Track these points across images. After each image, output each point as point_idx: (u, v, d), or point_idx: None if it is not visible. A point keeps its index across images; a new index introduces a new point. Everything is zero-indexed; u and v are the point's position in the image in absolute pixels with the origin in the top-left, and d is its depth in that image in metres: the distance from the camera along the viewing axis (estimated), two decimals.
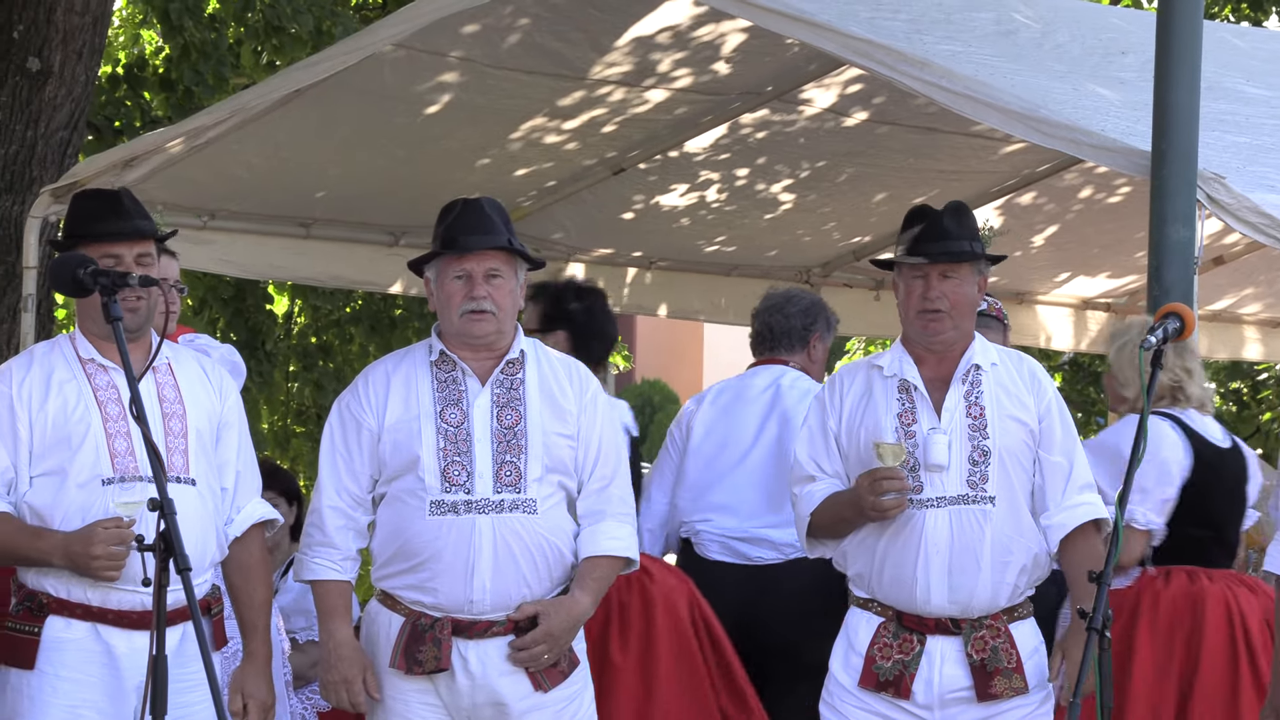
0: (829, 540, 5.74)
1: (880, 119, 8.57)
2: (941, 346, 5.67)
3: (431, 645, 5.40)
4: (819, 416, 5.75)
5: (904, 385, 5.67)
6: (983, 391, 5.66)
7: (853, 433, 5.69)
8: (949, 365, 5.69)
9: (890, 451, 5.51)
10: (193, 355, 5.58)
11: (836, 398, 5.74)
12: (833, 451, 5.72)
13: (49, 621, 5.27)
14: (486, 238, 5.46)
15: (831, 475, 5.71)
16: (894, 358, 5.71)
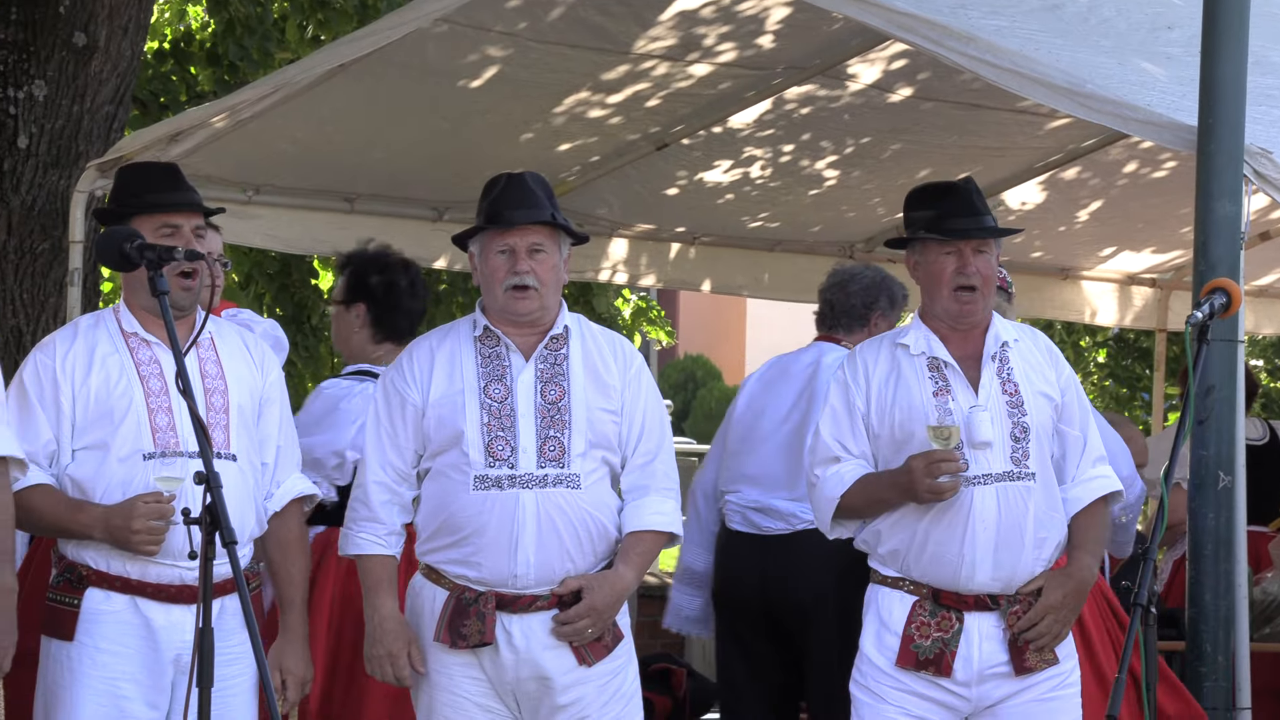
0: (853, 521, 5.72)
1: (925, 95, 8.54)
2: (970, 324, 5.66)
3: (476, 619, 5.42)
4: (843, 396, 5.72)
5: (935, 363, 5.65)
6: (1013, 368, 5.65)
7: (884, 412, 5.66)
8: (974, 342, 5.67)
9: (945, 434, 5.49)
10: (235, 330, 5.60)
11: (861, 377, 5.70)
12: (859, 432, 5.69)
13: (88, 594, 5.31)
14: (530, 212, 5.46)
15: (858, 456, 5.68)
16: (919, 335, 5.68)
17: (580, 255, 9.33)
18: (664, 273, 9.91)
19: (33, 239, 8.75)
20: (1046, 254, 10.34)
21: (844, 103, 8.66)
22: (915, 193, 5.78)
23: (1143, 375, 15.73)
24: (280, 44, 11.52)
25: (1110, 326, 13.45)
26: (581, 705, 5.47)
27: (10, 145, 8.71)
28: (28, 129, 8.73)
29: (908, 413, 5.61)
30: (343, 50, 7.52)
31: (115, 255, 5.19)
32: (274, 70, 10.18)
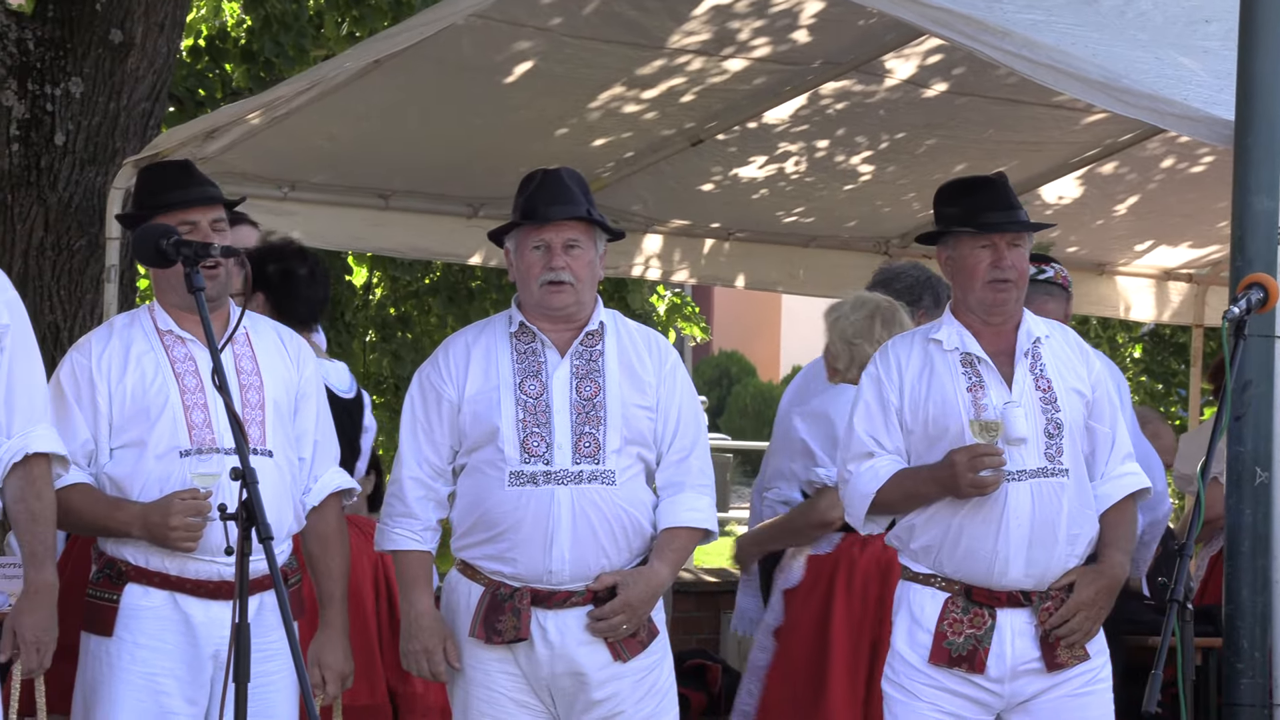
0: (885, 516, 5.72)
1: (960, 90, 8.52)
2: (1003, 317, 5.65)
3: (511, 615, 5.42)
4: (876, 391, 5.71)
5: (968, 359, 5.64)
6: (1045, 364, 5.65)
7: (918, 408, 5.65)
8: (1006, 338, 5.66)
9: (989, 428, 5.49)
10: (271, 326, 5.61)
11: (894, 372, 5.69)
12: (893, 427, 5.68)
13: (127, 589, 5.33)
14: (565, 208, 5.46)
15: (892, 451, 5.67)
16: (951, 330, 5.67)
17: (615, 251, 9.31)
18: (698, 268, 9.91)
19: (70, 235, 8.78)
20: (1082, 249, 10.31)
21: (879, 98, 8.65)
22: (947, 187, 5.76)
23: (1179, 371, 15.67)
24: (315, 40, 11.54)
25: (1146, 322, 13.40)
26: (616, 701, 5.47)
27: (47, 142, 8.75)
28: (64, 126, 8.76)
29: (941, 408, 5.60)
30: (377, 46, 7.52)
31: (151, 252, 5.21)
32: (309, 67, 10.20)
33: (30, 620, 5.11)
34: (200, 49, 11.90)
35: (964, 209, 5.63)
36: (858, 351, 6.75)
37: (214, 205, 5.43)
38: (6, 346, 5.14)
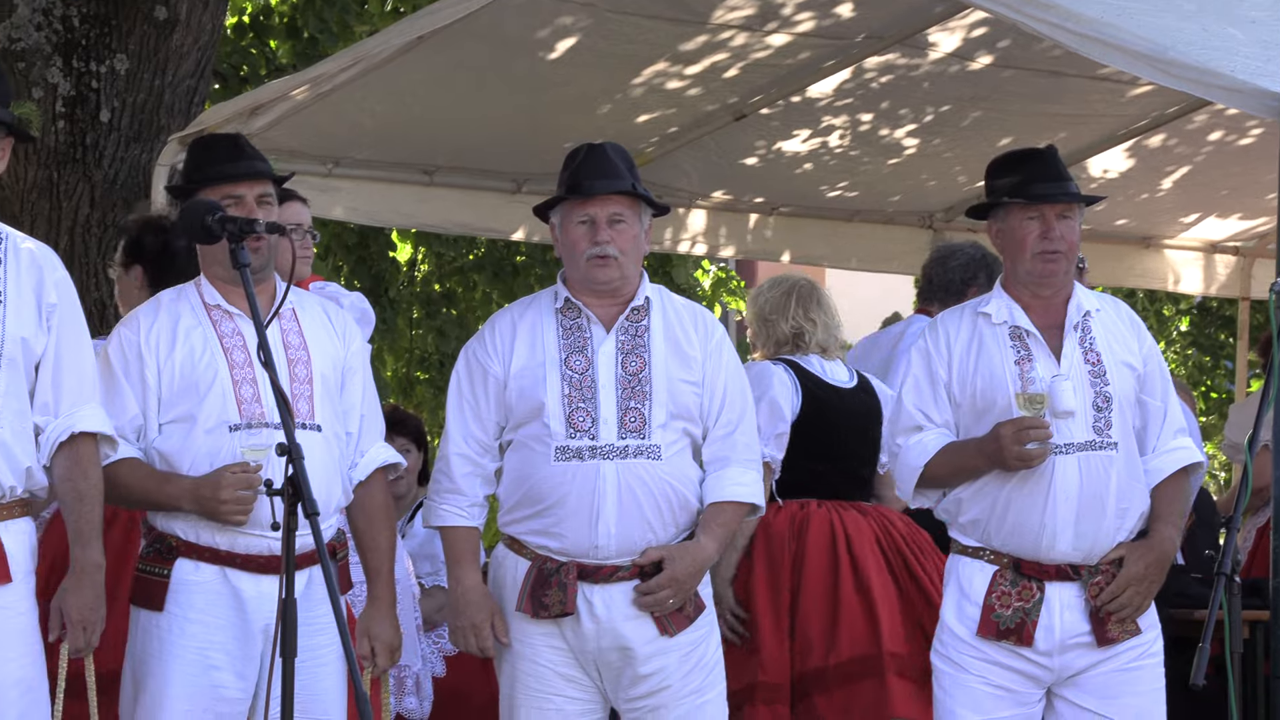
0: (934, 490, 5.71)
1: (1005, 63, 8.49)
2: (1052, 290, 5.63)
3: (557, 589, 5.43)
4: (925, 365, 5.71)
5: (1017, 332, 5.63)
6: (1095, 337, 5.63)
7: (966, 381, 5.65)
8: (1056, 311, 5.65)
9: (1034, 401, 5.47)
10: (317, 301, 5.62)
11: (943, 345, 5.69)
12: (942, 400, 5.68)
13: (178, 564, 5.33)
14: (610, 182, 5.46)
15: (940, 425, 5.67)
16: (1001, 304, 5.67)
17: (659, 226, 9.34)
18: (743, 243, 9.89)
19: (115, 212, 8.80)
20: (1129, 222, 10.27)
21: (924, 71, 8.61)
22: (997, 160, 5.76)
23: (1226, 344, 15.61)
24: (359, 16, 11.55)
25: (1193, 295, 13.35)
26: (663, 675, 5.48)
27: (93, 119, 8.77)
28: (110, 103, 8.77)
29: (989, 381, 5.59)
30: (421, 22, 7.52)
31: (197, 228, 5.22)
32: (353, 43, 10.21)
33: (77, 600, 5.12)
34: (245, 26, 11.92)
35: (1014, 181, 5.62)
36: (772, 329, 6.81)
37: (260, 180, 5.43)
38: (54, 326, 5.15)
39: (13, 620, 5.07)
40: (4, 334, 5.06)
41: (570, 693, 5.51)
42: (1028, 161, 5.67)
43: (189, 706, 5.25)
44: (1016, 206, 5.61)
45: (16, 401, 5.09)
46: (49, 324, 5.14)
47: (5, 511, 5.08)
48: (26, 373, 5.11)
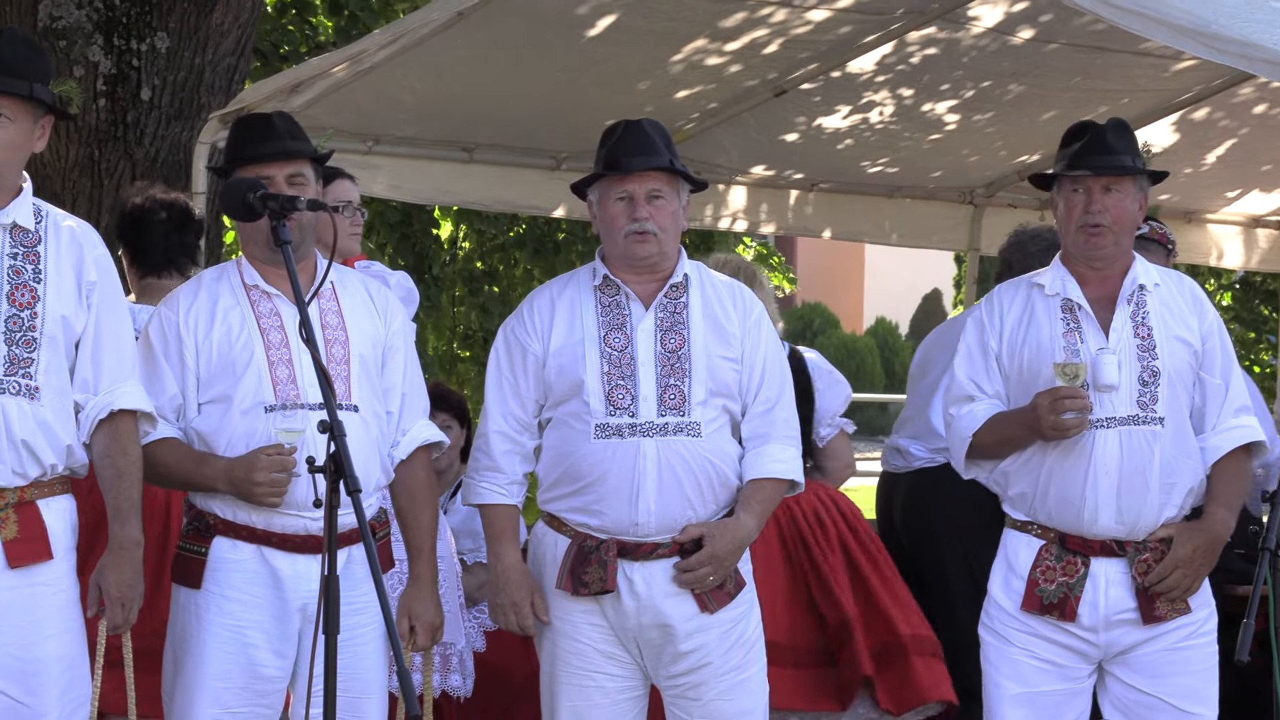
0: (987, 461, 5.71)
1: (1047, 37, 8.45)
2: (1102, 263, 5.62)
3: (597, 567, 5.44)
4: (978, 335, 5.72)
5: (1068, 304, 5.62)
6: (1148, 312, 5.61)
7: (1014, 352, 5.65)
8: (1111, 284, 5.63)
9: (1071, 371, 5.46)
10: (359, 279, 5.62)
11: (996, 317, 5.70)
12: (993, 371, 5.68)
13: (215, 542, 5.35)
14: (648, 158, 5.45)
15: (991, 395, 5.68)
16: (1055, 276, 5.67)
17: (699, 203, 9.33)
18: (783, 220, 9.88)
19: None
20: (1172, 197, 10.22)
21: (965, 46, 8.58)
22: (1067, 131, 5.75)
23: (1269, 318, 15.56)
24: None
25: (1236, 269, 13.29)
26: (704, 652, 5.48)
27: (133, 97, 8.79)
28: (150, 81, 8.79)
29: (1036, 352, 5.59)
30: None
31: (239, 205, 5.23)
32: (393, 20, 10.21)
33: (115, 576, 5.14)
34: (286, 4, 11.93)
35: (1067, 153, 5.62)
36: None
37: (291, 160, 5.42)
38: (94, 304, 5.17)
39: (54, 597, 5.10)
40: (45, 312, 5.08)
41: (611, 670, 5.51)
42: (1083, 134, 5.66)
43: (226, 684, 5.27)
44: (1067, 179, 5.61)
45: (57, 379, 5.11)
46: (88, 302, 5.16)
47: (46, 489, 5.11)
48: (67, 350, 5.13)
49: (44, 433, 5.06)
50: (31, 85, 5.07)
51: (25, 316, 5.07)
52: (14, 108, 5.07)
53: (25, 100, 5.08)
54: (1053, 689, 5.60)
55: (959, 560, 7.21)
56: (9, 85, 5.04)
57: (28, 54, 5.12)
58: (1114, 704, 5.63)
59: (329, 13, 11.68)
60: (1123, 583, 5.56)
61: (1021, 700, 5.60)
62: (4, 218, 5.11)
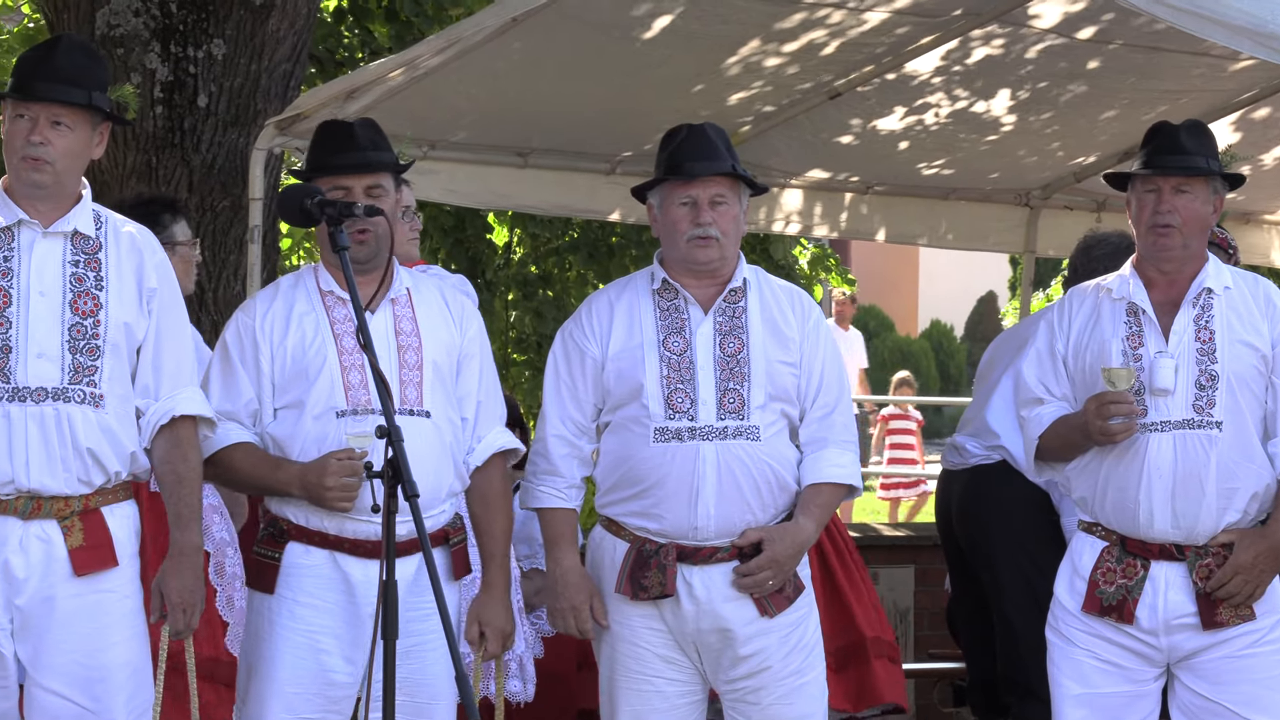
0: (1057, 463, 5.70)
1: (1105, 38, 8.41)
2: (1171, 265, 5.59)
3: (657, 571, 5.43)
4: (1047, 339, 5.73)
5: (1132, 308, 5.61)
6: (1214, 315, 5.58)
7: (1079, 355, 5.65)
8: (1180, 288, 5.61)
9: (1119, 376, 5.45)
10: (435, 285, 5.59)
11: (1065, 320, 5.70)
12: (1060, 374, 5.69)
13: (289, 548, 5.37)
14: (712, 163, 5.45)
15: (1060, 398, 5.69)
16: (1123, 280, 5.66)
17: (754, 205, 9.31)
18: (837, 222, 9.85)
19: (213, 197, 8.86)
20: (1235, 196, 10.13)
21: (1021, 47, 8.55)
22: (1147, 131, 5.73)
23: None
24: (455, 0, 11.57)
25: None
26: (763, 656, 5.47)
27: (190, 104, 8.83)
28: (207, 88, 8.83)
29: (1098, 356, 5.58)
30: (516, 4, 7.52)
31: (296, 212, 5.25)
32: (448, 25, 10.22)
33: (176, 583, 5.16)
34: (342, 10, 11.96)
35: (1143, 154, 5.61)
36: None
37: (369, 172, 5.42)
38: (154, 310, 5.20)
39: (119, 604, 5.13)
40: (108, 319, 5.12)
41: (669, 674, 5.51)
42: (1156, 135, 5.64)
43: (297, 689, 5.29)
44: (1140, 179, 5.60)
45: (121, 386, 5.14)
46: (149, 308, 5.19)
47: (111, 496, 5.14)
48: (129, 357, 5.17)
49: (109, 440, 5.09)
50: (90, 93, 5.11)
51: (88, 324, 5.10)
52: (73, 116, 5.10)
53: (84, 108, 5.10)
54: (1115, 691, 5.57)
55: (1012, 557, 7.20)
56: (68, 94, 5.07)
57: (85, 62, 5.15)
58: (1181, 709, 5.61)
59: (384, 20, 11.70)
60: (1183, 587, 5.53)
61: (1083, 701, 5.58)
62: (64, 225, 5.14)
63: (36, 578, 5.04)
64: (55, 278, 5.10)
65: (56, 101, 5.07)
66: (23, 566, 5.03)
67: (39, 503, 5.04)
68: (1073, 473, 5.65)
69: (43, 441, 5.03)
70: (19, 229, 5.12)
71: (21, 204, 5.13)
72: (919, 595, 9.92)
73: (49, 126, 5.08)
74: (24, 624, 5.04)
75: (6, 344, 5.04)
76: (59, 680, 5.05)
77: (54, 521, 5.05)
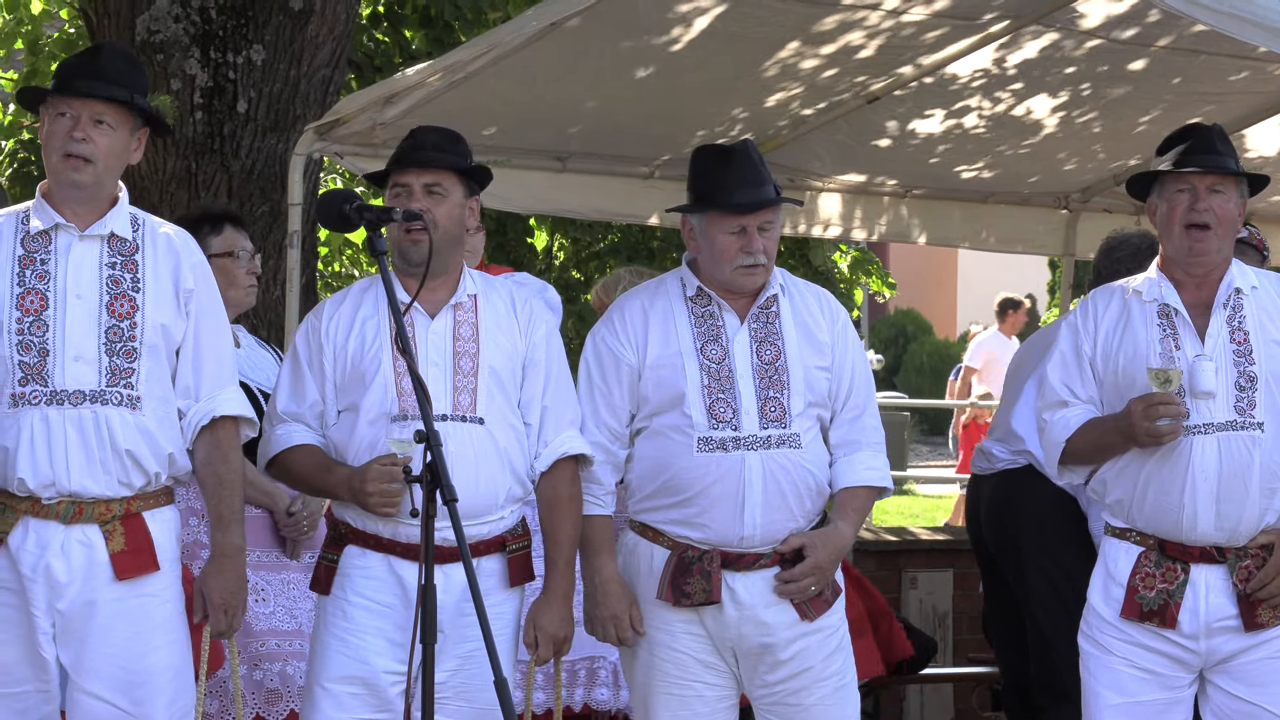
0: (1081, 467, 5.67)
1: (1146, 40, 8.39)
2: (1203, 266, 5.57)
3: (700, 578, 5.42)
4: (1072, 341, 5.69)
5: (1164, 310, 5.58)
6: (1245, 316, 5.56)
7: (1109, 357, 5.61)
8: (1209, 290, 5.59)
9: (1165, 377, 5.42)
10: (505, 290, 5.55)
11: (1091, 322, 5.67)
12: (1087, 377, 5.65)
13: (347, 550, 5.38)
14: (760, 192, 5.44)
15: (1085, 401, 5.65)
16: (1152, 282, 5.63)
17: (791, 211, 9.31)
18: (875, 226, 9.84)
19: (252, 202, 8.89)
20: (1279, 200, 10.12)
21: (1060, 50, 8.53)
22: (1168, 135, 5.71)
23: None
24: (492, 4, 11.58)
25: None
26: (803, 659, 5.47)
27: (230, 110, 8.85)
28: (246, 93, 8.86)
29: (1132, 358, 5.55)
30: (554, 9, 7.52)
31: (335, 216, 5.26)
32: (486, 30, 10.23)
33: (217, 583, 5.18)
34: (380, 15, 11.98)
35: (1170, 154, 5.58)
36: None
37: (430, 170, 5.42)
38: (192, 311, 5.22)
39: (161, 608, 5.15)
40: (144, 321, 5.14)
41: (709, 679, 5.51)
42: (1186, 136, 5.62)
43: (348, 689, 5.29)
44: (1170, 180, 5.57)
45: (159, 388, 5.16)
46: (186, 310, 5.21)
47: (152, 500, 5.16)
48: (167, 358, 5.19)
49: (147, 442, 5.12)
50: (132, 94, 5.13)
51: (125, 326, 5.12)
52: (115, 115, 5.13)
53: (125, 110, 5.13)
54: (1152, 698, 5.55)
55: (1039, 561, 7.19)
56: (112, 91, 5.10)
57: (127, 67, 5.19)
58: (1215, 713, 5.58)
59: (420, 24, 11.72)
60: (1223, 589, 5.51)
61: (1122, 710, 5.56)
62: (101, 228, 5.17)
63: (78, 582, 5.06)
64: (92, 281, 5.12)
65: (99, 98, 5.09)
66: (64, 571, 5.05)
67: (80, 507, 5.07)
68: (1108, 476, 5.62)
69: (82, 444, 5.05)
70: (56, 233, 5.15)
71: (59, 208, 5.16)
72: (957, 599, 9.90)
73: (91, 124, 5.11)
74: (66, 628, 5.07)
75: (44, 347, 5.06)
76: (101, 684, 5.07)
77: (95, 526, 5.08)
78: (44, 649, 5.06)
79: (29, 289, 5.10)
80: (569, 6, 7.42)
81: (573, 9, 7.42)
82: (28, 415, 5.04)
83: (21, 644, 5.06)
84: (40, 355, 5.06)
